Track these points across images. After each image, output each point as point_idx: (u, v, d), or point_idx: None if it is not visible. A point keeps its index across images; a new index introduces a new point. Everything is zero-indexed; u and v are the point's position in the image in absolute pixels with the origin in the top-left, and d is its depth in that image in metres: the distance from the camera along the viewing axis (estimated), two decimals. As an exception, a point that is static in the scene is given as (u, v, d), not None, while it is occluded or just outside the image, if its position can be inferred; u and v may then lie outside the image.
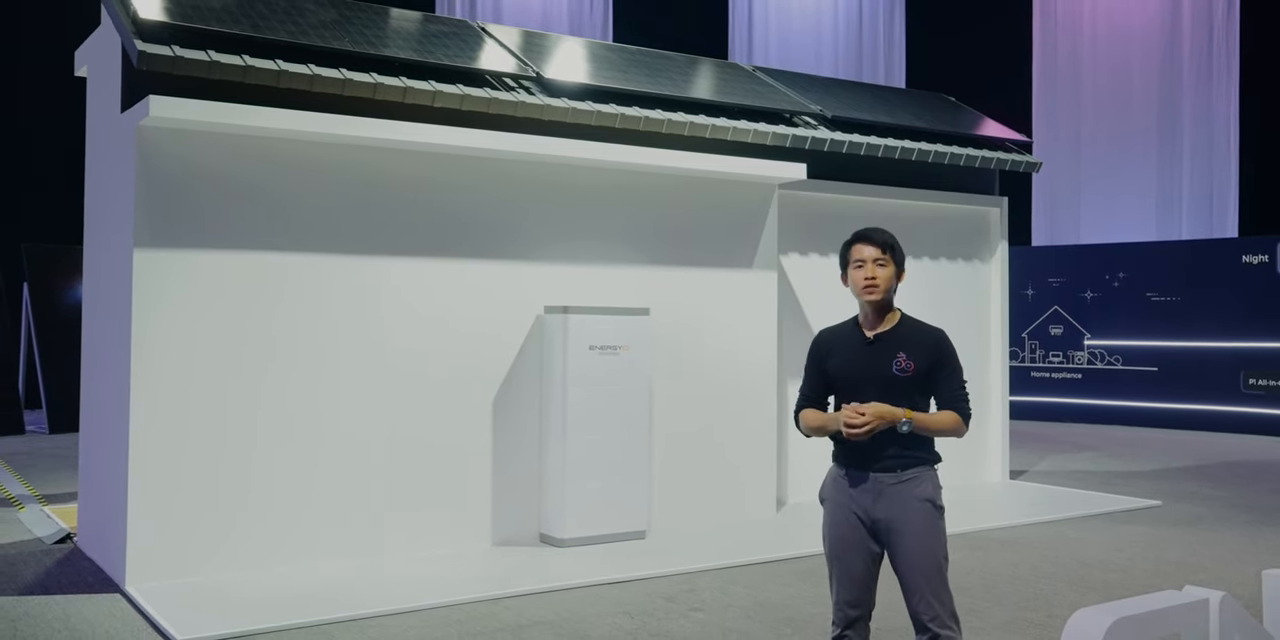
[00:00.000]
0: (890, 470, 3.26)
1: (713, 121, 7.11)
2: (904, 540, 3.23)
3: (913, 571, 3.22)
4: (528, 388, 6.38)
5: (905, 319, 3.40)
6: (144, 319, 5.30)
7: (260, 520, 5.53)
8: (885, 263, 3.34)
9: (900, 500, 3.24)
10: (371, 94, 5.91)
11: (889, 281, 3.34)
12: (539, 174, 6.47)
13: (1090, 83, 17.70)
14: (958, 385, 3.33)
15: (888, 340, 3.33)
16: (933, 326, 3.40)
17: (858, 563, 3.31)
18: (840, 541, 3.34)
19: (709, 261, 7.08)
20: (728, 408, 7.09)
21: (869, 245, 3.36)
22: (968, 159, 8.45)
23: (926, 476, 3.29)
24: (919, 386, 3.30)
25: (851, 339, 3.39)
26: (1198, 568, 5.93)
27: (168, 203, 5.38)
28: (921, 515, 3.24)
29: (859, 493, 3.29)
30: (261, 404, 5.58)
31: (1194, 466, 10.16)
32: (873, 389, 3.26)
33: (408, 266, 6.03)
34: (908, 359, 3.26)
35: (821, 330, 3.56)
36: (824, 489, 3.46)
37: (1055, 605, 5.11)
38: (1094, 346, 14.28)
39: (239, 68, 5.53)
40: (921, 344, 3.31)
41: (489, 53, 6.75)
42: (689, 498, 6.89)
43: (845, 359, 3.37)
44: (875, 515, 3.27)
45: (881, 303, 3.34)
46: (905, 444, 3.25)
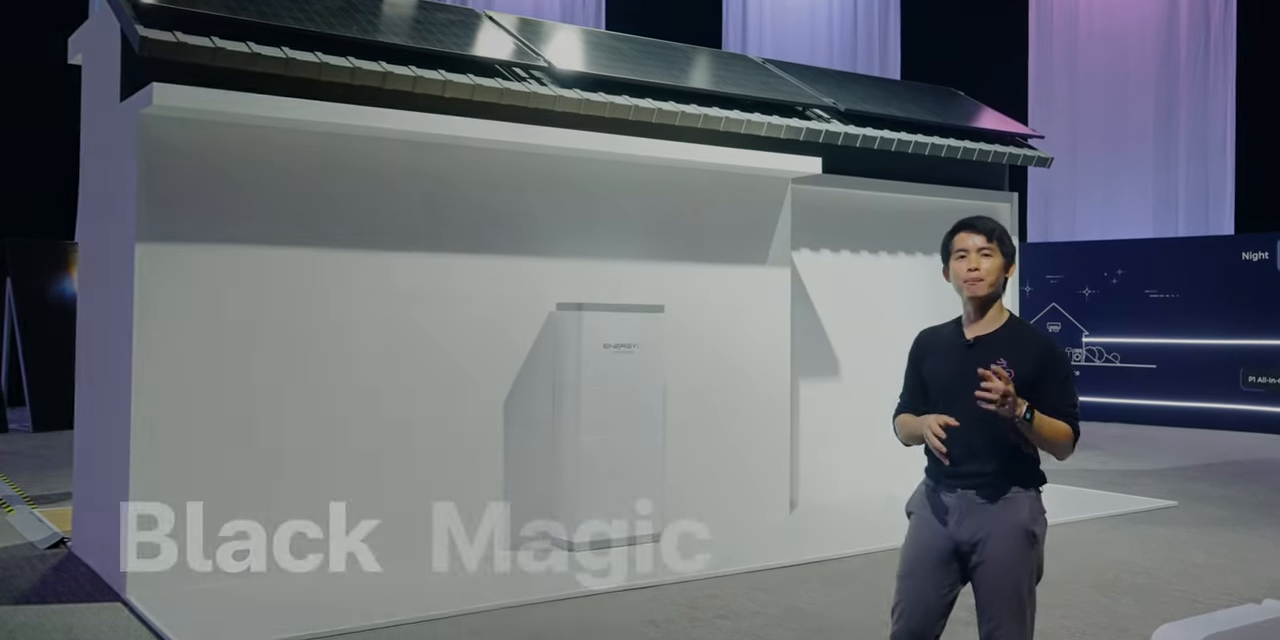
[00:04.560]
0: (985, 488, 2.96)
1: (726, 114, 6.94)
2: (988, 567, 2.94)
3: (992, 604, 2.95)
4: (540, 386, 6.20)
5: (1013, 320, 3.07)
6: (146, 316, 5.08)
7: (266, 526, 5.32)
8: (991, 253, 3.01)
9: (992, 523, 2.94)
10: (381, 83, 5.70)
11: (996, 274, 3.01)
12: (551, 167, 6.28)
13: (1086, 79, 17.63)
14: (1069, 401, 2.97)
15: (989, 343, 3.00)
16: (1042, 332, 3.12)
17: (930, 588, 3.01)
18: (915, 561, 3.06)
19: (721, 257, 6.91)
20: (739, 406, 6.93)
21: (974, 234, 3.04)
22: (980, 153, 8.31)
23: (1025, 500, 2.97)
24: (1021, 397, 2.89)
25: (950, 341, 3.09)
26: (1225, 570, 5.82)
27: (169, 194, 5.16)
28: (1013, 543, 2.93)
29: (948, 510, 3.00)
30: (267, 405, 5.37)
31: (1200, 465, 10.08)
32: (969, 397, 2.88)
33: (417, 261, 5.83)
34: (1009, 365, 2.89)
35: (923, 330, 3.24)
36: (912, 501, 3.18)
37: (1091, 612, 4.98)
38: (1092, 343, 14.21)
39: (245, 55, 5.31)
40: (1027, 350, 2.97)
41: (499, 42, 6.55)
42: (702, 498, 6.72)
43: (941, 363, 3.08)
44: (960, 537, 2.98)
45: (986, 298, 3.02)
46: (1006, 460, 2.95)
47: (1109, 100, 17.43)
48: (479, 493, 5.97)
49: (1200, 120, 16.74)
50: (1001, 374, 2.79)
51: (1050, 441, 2.93)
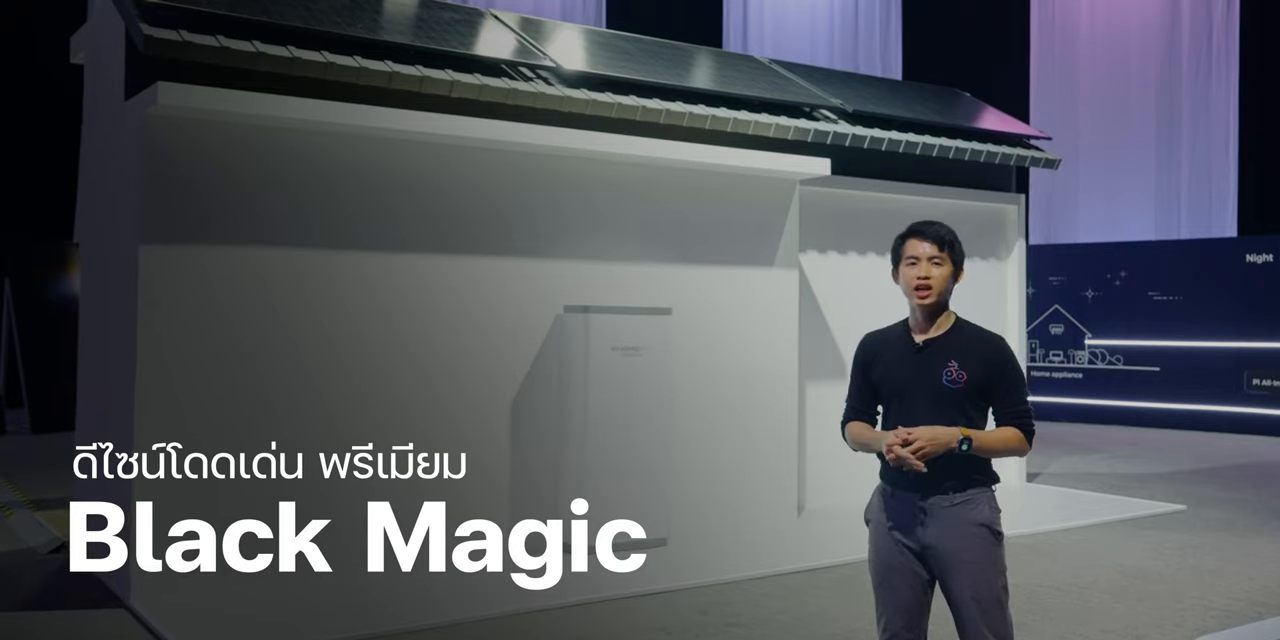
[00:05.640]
0: (943, 492, 2.95)
1: (734, 115, 6.88)
2: (958, 570, 2.93)
3: (968, 605, 2.93)
4: (546, 389, 6.14)
5: (960, 323, 3.07)
6: (150, 318, 5.02)
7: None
8: (941, 261, 3.02)
9: (954, 525, 2.94)
10: (387, 83, 5.64)
11: (944, 283, 3.01)
12: (557, 167, 6.22)
13: (1088, 79, 17.59)
14: (1018, 398, 3.01)
15: (938, 347, 3.00)
16: (990, 332, 3.09)
17: (906, 591, 3.01)
18: (885, 568, 3.04)
19: (728, 259, 6.85)
20: (747, 409, 6.86)
21: (924, 241, 3.04)
22: (988, 155, 8.26)
23: (983, 499, 2.99)
24: (973, 398, 2.96)
25: (900, 344, 3.07)
26: (1241, 576, 5.76)
27: (174, 194, 5.09)
28: (978, 542, 2.95)
29: (907, 516, 2.99)
30: (273, 407, 5.30)
31: (1206, 469, 10.03)
32: (922, 401, 2.94)
33: (423, 263, 5.76)
34: (959, 368, 2.93)
35: (867, 333, 3.23)
36: (869, 510, 3.15)
37: (1107, 619, 4.92)
38: (1095, 346, 14.16)
39: (250, 54, 5.25)
40: (976, 351, 2.98)
41: (506, 41, 6.49)
42: (708, 503, 6.66)
43: (891, 367, 3.06)
44: (925, 541, 2.97)
45: (934, 306, 3.03)
46: (959, 462, 2.93)
47: (1111, 101, 17.40)
48: (484, 496, 5.90)
49: (1203, 121, 16.70)
50: (909, 436, 2.83)
51: (1000, 452, 2.96)
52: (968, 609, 2.93)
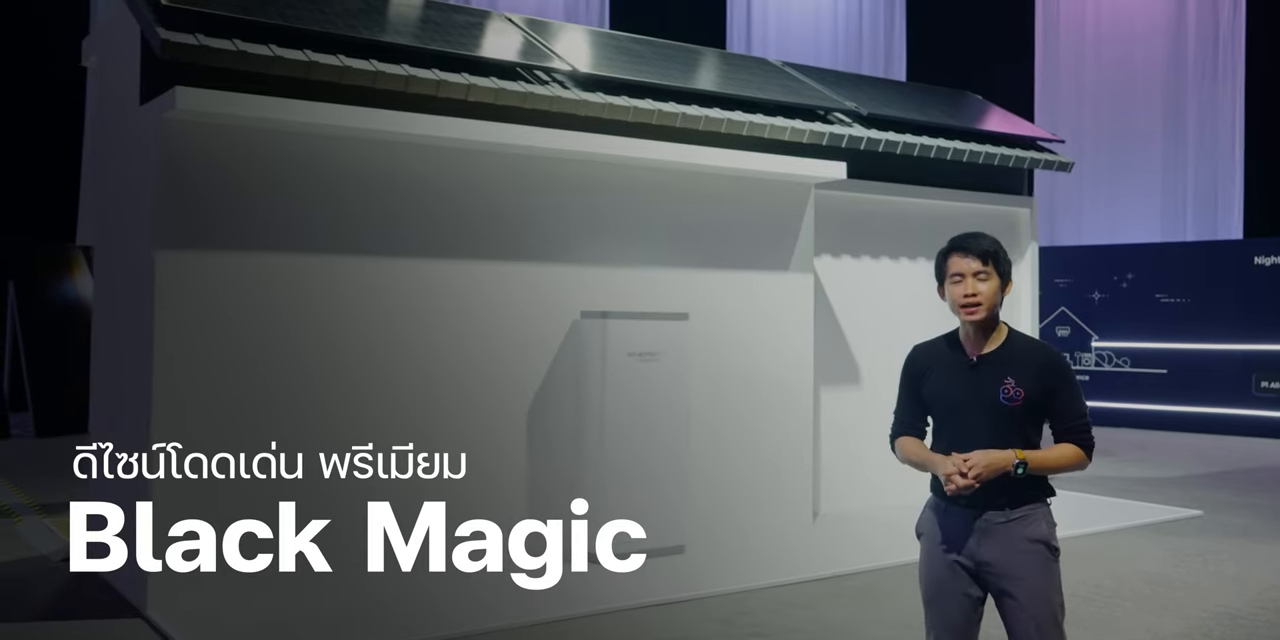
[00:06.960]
0: (998, 507, 2.88)
1: (749, 118, 6.83)
2: (1014, 588, 2.87)
3: (1024, 625, 2.86)
4: (564, 395, 6.09)
5: (1014, 336, 2.99)
6: (166, 324, 4.96)
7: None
8: (987, 275, 2.92)
9: (1009, 542, 2.87)
10: (404, 87, 5.58)
11: (992, 297, 2.92)
12: (573, 172, 6.16)
13: (1093, 81, 17.55)
14: (1077, 413, 2.93)
15: (994, 363, 2.93)
16: (1044, 344, 3.03)
17: (955, 610, 2.95)
18: (936, 586, 2.99)
19: (743, 264, 6.79)
20: (762, 414, 6.81)
21: (967, 256, 2.93)
22: (1002, 158, 8.22)
23: (1039, 514, 2.92)
24: (1030, 415, 2.90)
25: (952, 360, 2.99)
26: (1263, 584, 5.72)
27: (191, 199, 5.04)
28: (1034, 559, 2.87)
29: (960, 531, 2.93)
30: (289, 413, 5.25)
31: (1217, 473, 9.99)
32: (978, 420, 2.87)
33: (439, 268, 5.71)
34: (1016, 385, 2.86)
35: (916, 346, 3.15)
36: (921, 523, 3.09)
37: (1134, 629, 4.88)
38: (1101, 348, 14.12)
39: (267, 58, 5.19)
40: (1032, 366, 2.90)
41: (520, 44, 6.44)
42: (724, 509, 6.60)
43: (944, 383, 2.98)
44: (980, 558, 2.90)
45: (985, 321, 2.96)
46: (1016, 477, 2.85)
47: (1116, 103, 17.36)
48: (501, 502, 5.85)
49: (1209, 122, 16.67)
50: (966, 466, 2.80)
51: (1060, 469, 2.91)
52: (1024, 628, 2.87)
